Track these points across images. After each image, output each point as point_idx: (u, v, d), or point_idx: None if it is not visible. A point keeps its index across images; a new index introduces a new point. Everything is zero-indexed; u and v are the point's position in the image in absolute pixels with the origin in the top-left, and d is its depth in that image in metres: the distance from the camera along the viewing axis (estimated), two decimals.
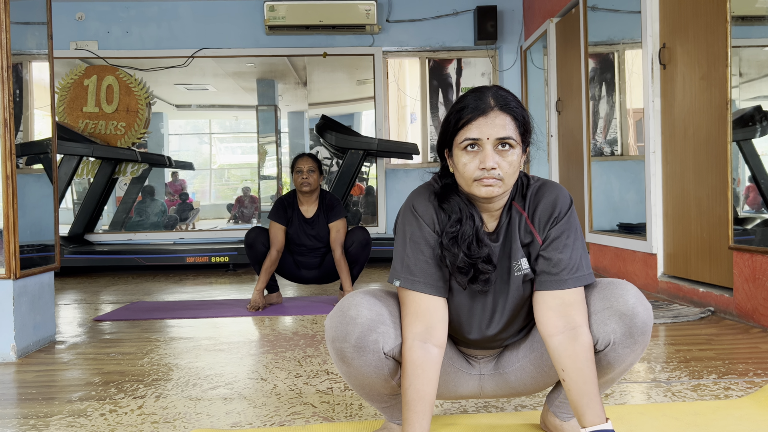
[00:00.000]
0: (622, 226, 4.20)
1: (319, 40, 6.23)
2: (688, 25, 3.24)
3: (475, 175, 1.22)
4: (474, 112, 1.22)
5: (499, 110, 1.22)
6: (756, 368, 2.07)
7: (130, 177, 6.32)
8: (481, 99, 1.23)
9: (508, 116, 1.23)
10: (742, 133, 2.95)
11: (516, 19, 6.26)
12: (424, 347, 1.25)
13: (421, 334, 1.26)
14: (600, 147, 4.58)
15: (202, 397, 1.93)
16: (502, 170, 1.21)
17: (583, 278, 1.27)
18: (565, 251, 1.27)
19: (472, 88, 1.30)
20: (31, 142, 3.19)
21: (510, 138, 1.22)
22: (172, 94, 6.60)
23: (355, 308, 1.28)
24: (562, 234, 1.28)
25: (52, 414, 1.81)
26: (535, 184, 1.33)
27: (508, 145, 1.22)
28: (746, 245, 2.76)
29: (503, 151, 1.22)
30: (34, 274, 2.65)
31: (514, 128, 1.23)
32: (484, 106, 1.22)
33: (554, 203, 1.29)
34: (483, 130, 1.21)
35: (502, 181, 1.22)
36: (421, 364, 1.24)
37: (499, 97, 1.24)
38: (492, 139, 1.21)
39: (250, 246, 3.50)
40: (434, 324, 1.27)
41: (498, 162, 1.21)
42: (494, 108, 1.22)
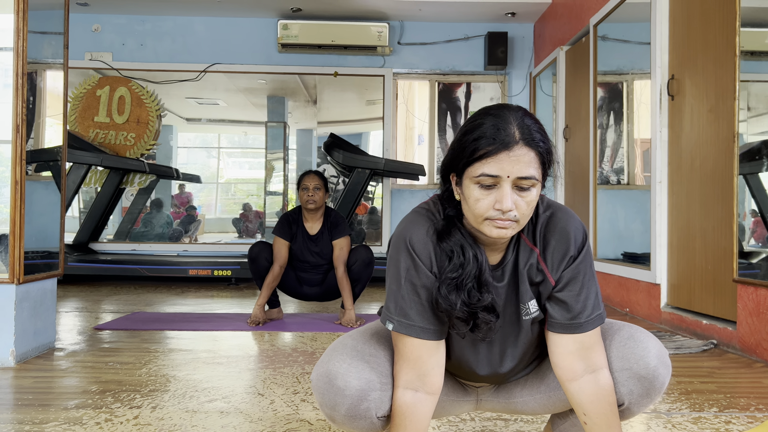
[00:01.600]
0: (627, 255, 4.18)
1: (330, 60, 6.29)
2: (697, 58, 3.27)
3: (488, 214, 1.07)
4: (495, 145, 1.05)
5: (525, 144, 1.05)
6: (758, 403, 2.05)
7: (137, 188, 6.35)
8: (504, 129, 1.06)
9: (533, 151, 1.06)
10: (749, 166, 2.95)
11: (526, 45, 6.32)
12: (415, 396, 1.15)
13: (412, 382, 1.16)
14: (606, 175, 4.59)
15: (199, 410, 1.92)
16: (520, 211, 1.07)
17: (600, 317, 1.18)
18: (582, 293, 1.15)
19: (485, 107, 1.12)
20: (42, 149, 3.23)
21: (533, 177, 1.06)
22: (182, 107, 6.66)
23: (343, 378, 1.16)
24: (578, 275, 1.16)
25: (48, 420, 1.80)
26: (545, 214, 1.18)
27: (530, 185, 1.06)
28: (751, 278, 2.75)
29: (523, 191, 1.06)
30: (37, 280, 2.66)
31: (538, 165, 1.07)
32: (507, 139, 1.05)
33: (568, 240, 1.16)
34: (504, 167, 1.04)
35: (517, 222, 1.08)
36: (410, 415, 1.15)
37: (524, 128, 1.06)
38: (513, 178, 1.05)
39: (253, 260, 3.51)
40: (428, 371, 1.15)
41: (516, 202, 1.06)
42: (519, 142, 1.05)
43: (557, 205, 1.21)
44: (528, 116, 1.10)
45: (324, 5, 5.85)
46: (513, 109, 1.10)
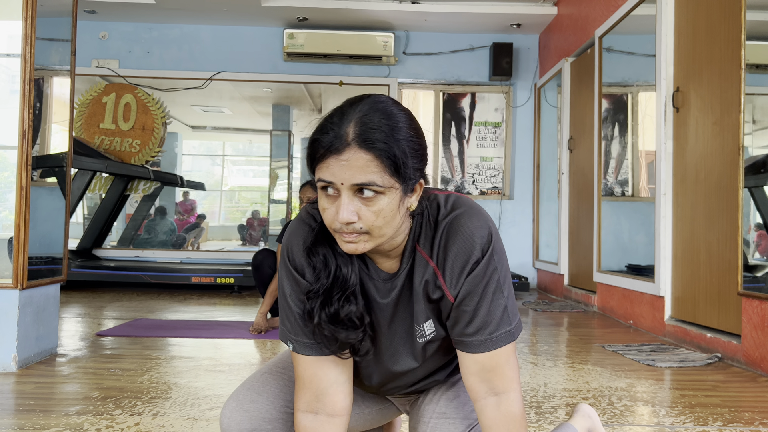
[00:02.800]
0: (631, 268, 4.17)
1: (335, 69, 6.32)
2: (702, 71, 3.27)
3: (334, 226, 0.94)
4: (325, 148, 0.91)
5: (358, 147, 0.89)
6: (762, 417, 2.03)
7: (141, 194, 6.37)
8: (337, 129, 0.91)
9: (370, 154, 0.89)
10: (754, 179, 2.94)
11: (531, 57, 6.34)
12: (315, 419, 1.05)
13: (311, 404, 1.05)
14: (611, 187, 4.58)
15: (200, 417, 1.91)
16: (366, 222, 0.92)
17: (508, 335, 1.02)
18: (482, 307, 1.00)
19: (347, 100, 0.96)
20: (47, 155, 3.24)
21: (372, 184, 0.90)
22: (188, 114, 6.69)
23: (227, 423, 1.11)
24: (478, 286, 1.00)
25: (49, 426, 1.80)
26: (446, 219, 1.02)
27: (372, 191, 0.91)
28: (756, 292, 2.74)
29: (367, 199, 0.91)
30: (40, 286, 2.66)
31: (381, 169, 0.90)
32: (337, 142, 0.90)
33: (469, 250, 1.00)
34: (335, 172, 0.90)
35: (368, 234, 0.93)
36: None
37: (362, 127, 0.90)
38: (347, 185, 0.90)
39: (256, 268, 3.52)
40: (325, 389, 1.04)
41: (359, 212, 0.92)
42: (351, 144, 0.89)
43: (462, 204, 1.03)
44: (376, 111, 0.92)
45: (330, 15, 5.88)
46: (367, 102, 0.94)
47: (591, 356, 2.98)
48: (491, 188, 6.47)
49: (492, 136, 6.49)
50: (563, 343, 3.38)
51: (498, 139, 6.49)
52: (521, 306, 4.88)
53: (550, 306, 4.78)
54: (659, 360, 2.86)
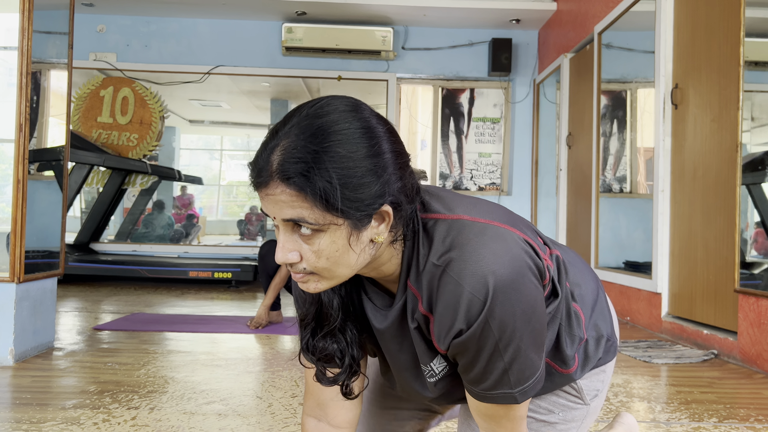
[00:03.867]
0: (628, 264, 4.17)
1: (334, 64, 6.30)
2: (701, 67, 3.27)
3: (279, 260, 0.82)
4: (255, 178, 0.79)
5: (280, 180, 0.76)
6: (758, 414, 2.04)
7: (139, 188, 6.36)
8: (266, 156, 0.78)
9: (291, 188, 0.76)
10: (751, 177, 2.95)
11: (531, 52, 6.33)
12: (317, 426, 1.02)
13: (313, 410, 1.03)
14: (609, 183, 4.58)
15: (197, 412, 1.91)
16: (308, 263, 0.80)
17: (502, 398, 0.87)
18: (475, 366, 0.85)
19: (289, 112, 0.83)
20: (44, 149, 3.23)
21: (304, 221, 0.77)
22: (186, 109, 6.68)
23: None
24: (469, 350, 0.84)
25: (45, 420, 1.80)
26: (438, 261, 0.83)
27: (309, 229, 0.78)
28: (752, 289, 2.74)
29: (305, 237, 0.79)
30: (37, 279, 2.66)
31: (310, 204, 0.76)
32: (262, 176, 0.78)
33: (456, 309, 0.82)
34: (266, 206, 0.80)
35: (317, 276, 0.82)
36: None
37: (286, 155, 0.76)
38: (280, 220, 0.80)
39: (262, 258, 3.53)
40: (325, 402, 1.00)
41: (301, 251, 0.80)
42: (274, 177, 0.77)
43: (463, 244, 0.83)
44: (303, 133, 0.77)
45: (329, 9, 5.86)
46: (295, 119, 0.79)
47: None
48: (489, 184, 6.47)
49: (491, 132, 6.48)
50: None
51: (496, 135, 6.48)
52: None
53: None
54: (656, 356, 2.86)
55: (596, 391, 1.07)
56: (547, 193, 6.01)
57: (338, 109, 0.80)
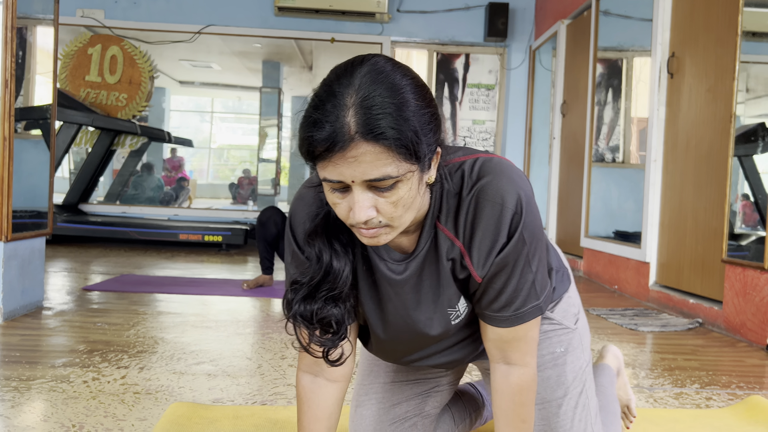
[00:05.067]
0: (618, 234, 4.20)
1: (327, 25, 6.20)
2: (699, 36, 3.23)
3: (349, 221, 0.85)
4: (327, 144, 0.78)
5: (364, 140, 0.77)
6: (739, 381, 2.08)
7: (128, 150, 6.29)
8: (335, 120, 0.77)
9: (380, 146, 0.77)
10: (744, 148, 2.95)
11: (527, 18, 6.24)
12: (314, 381, 1.04)
13: (310, 366, 1.04)
14: (602, 153, 4.58)
15: (186, 372, 1.92)
16: (385, 215, 0.83)
17: (533, 311, 0.96)
18: (509, 284, 0.94)
19: (336, 69, 0.83)
20: (31, 107, 3.17)
21: (388, 177, 0.79)
22: (176, 69, 6.57)
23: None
24: (507, 266, 0.93)
25: (35, 378, 1.80)
26: (472, 193, 0.91)
27: (388, 184, 0.81)
28: (739, 259, 2.77)
29: (383, 191, 0.81)
30: (25, 238, 2.64)
31: (394, 158, 0.78)
32: (338, 137, 0.77)
33: (498, 222, 0.90)
34: (343, 171, 0.79)
35: (390, 227, 0.85)
36: (308, 401, 1.04)
37: (363, 115, 0.77)
38: (359, 182, 0.80)
39: (262, 224, 3.54)
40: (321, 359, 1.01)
41: (377, 205, 0.82)
42: (355, 137, 0.77)
43: (490, 171, 0.92)
44: (377, 83, 0.78)
45: None
46: (358, 75, 0.79)
47: None
48: (483, 151, 6.44)
49: (485, 98, 6.43)
50: None
51: (491, 102, 6.44)
52: None
53: None
54: (642, 324, 2.90)
55: (574, 315, 1.17)
56: (540, 161, 6.00)
57: (392, 64, 0.82)
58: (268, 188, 6.55)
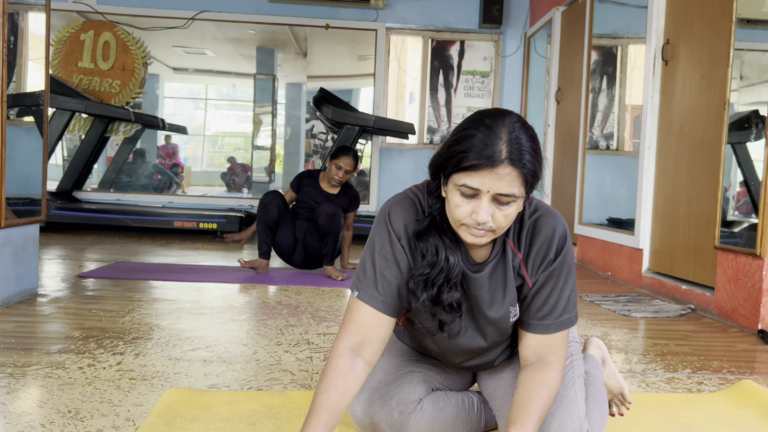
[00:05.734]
0: (612, 221, 4.22)
1: (322, 11, 6.16)
2: (693, 23, 3.23)
3: (464, 221, 1.10)
4: (480, 161, 1.05)
5: (510, 164, 1.06)
6: (730, 366, 2.10)
7: (122, 137, 6.26)
8: (492, 145, 1.06)
9: (517, 171, 1.06)
10: (737, 136, 2.96)
11: (522, 5, 6.22)
12: (354, 359, 1.15)
13: (355, 346, 1.16)
14: (596, 140, 4.58)
15: (182, 358, 1.93)
16: (496, 223, 1.09)
17: (568, 321, 1.21)
18: (553, 295, 1.20)
19: (483, 112, 1.11)
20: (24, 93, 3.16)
21: (513, 195, 1.07)
22: (169, 56, 6.51)
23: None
24: (552, 277, 1.20)
25: (30, 364, 1.81)
26: (531, 219, 1.21)
27: (509, 200, 1.08)
28: (732, 246, 2.79)
29: (502, 205, 1.08)
30: (19, 225, 2.63)
31: (521, 183, 1.08)
32: (494, 157, 1.05)
33: (550, 243, 1.20)
34: (485, 182, 1.06)
35: (493, 232, 1.11)
36: (345, 375, 1.13)
37: (514, 147, 1.06)
38: (492, 193, 1.07)
39: (264, 206, 3.62)
40: (372, 341, 1.17)
41: (494, 215, 1.08)
42: (504, 161, 1.05)
43: (545, 208, 1.22)
44: (522, 130, 1.08)
45: None
46: (508, 120, 1.08)
47: None
48: None
49: (480, 85, 6.42)
50: None
51: (486, 89, 6.43)
52: None
53: None
54: (635, 310, 2.93)
55: None
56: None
57: (524, 121, 1.13)
58: (263, 176, 6.54)
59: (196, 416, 1.45)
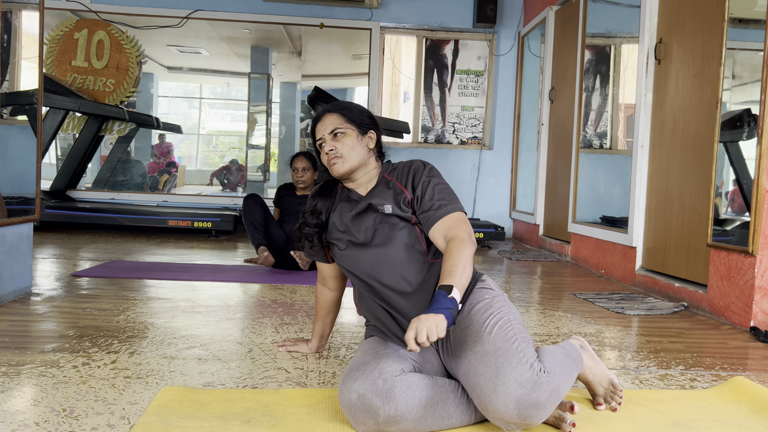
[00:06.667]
0: (605, 219, 4.24)
1: (316, 11, 6.16)
2: (686, 22, 3.25)
3: (324, 160, 1.70)
4: (314, 121, 1.72)
5: (329, 113, 1.70)
6: (723, 363, 2.12)
7: (116, 136, 6.24)
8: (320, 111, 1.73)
9: (336, 114, 1.69)
10: (729, 134, 2.97)
11: (516, 4, 6.23)
12: (322, 289, 1.91)
13: (320, 280, 1.90)
14: (589, 139, 4.60)
15: (177, 356, 1.93)
16: (341, 150, 1.65)
17: (457, 207, 1.56)
18: (429, 190, 1.58)
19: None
20: (17, 92, 3.14)
21: (340, 128, 1.67)
22: (163, 54, 6.50)
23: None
24: (420, 180, 1.61)
25: (24, 363, 1.80)
26: (396, 163, 1.71)
27: (341, 131, 1.66)
28: (724, 243, 2.81)
29: (338, 136, 1.67)
30: (12, 224, 2.62)
31: (344, 121, 1.68)
32: (319, 114, 1.71)
33: (409, 165, 1.66)
34: (320, 129, 1.70)
35: (343, 158, 1.65)
36: (318, 298, 1.93)
37: (330, 106, 1.71)
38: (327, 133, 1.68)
39: (246, 212, 3.65)
40: (326, 278, 1.87)
41: (336, 146, 1.66)
42: (325, 113, 1.70)
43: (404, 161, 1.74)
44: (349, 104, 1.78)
45: None
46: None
47: (562, 303, 3.06)
48: (471, 138, 6.46)
49: (474, 84, 6.43)
50: (536, 290, 3.46)
51: (480, 88, 6.44)
52: (496, 255, 4.95)
53: (524, 255, 4.87)
54: (628, 308, 2.94)
55: (501, 292, 1.60)
56: (528, 147, 6.02)
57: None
58: (257, 174, 6.53)
59: (191, 414, 1.46)
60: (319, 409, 1.52)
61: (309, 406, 1.54)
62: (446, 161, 6.33)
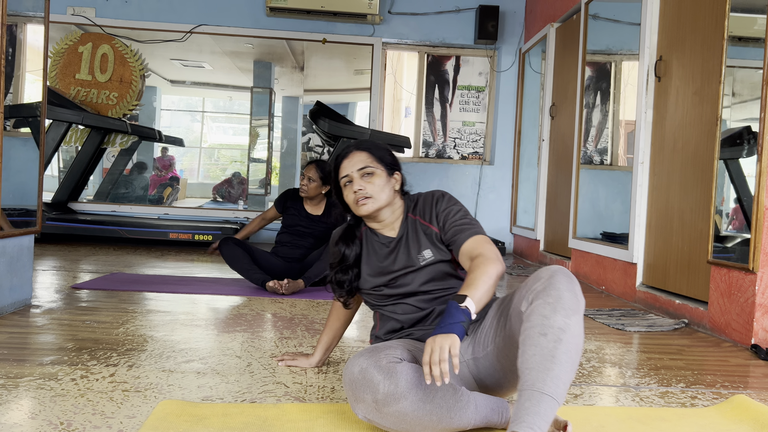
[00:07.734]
0: (606, 235, 4.23)
1: (319, 26, 6.21)
2: (686, 40, 3.27)
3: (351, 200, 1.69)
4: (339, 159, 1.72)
5: (356, 150, 1.69)
6: (724, 380, 2.11)
7: (118, 148, 6.27)
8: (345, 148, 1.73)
9: (365, 153, 1.67)
10: (729, 152, 2.98)
11: (517, 21, 6.28)
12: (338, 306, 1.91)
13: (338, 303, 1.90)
14: (590, 155, 4.61)
15: (175, 370, 1.93)
16: (370, 190, 1.64)
17: (478, 230, 1.60)
18: (451, 217, 1.62)
19: None
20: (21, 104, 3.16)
21: (369, 167, 1.66)
22: (167, 68, 6.54)
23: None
24: (444, 210, 1.64)
25: (23, 375, 1.80)
26: (415, 198, 1.72)
27: (370, 171, 1.65)
28: (725, 261, 2.81)
29: (367, 177, 1.66)
30: (13, 236, 2.63)
31: (373, 160, 1.67)
32: (345, 150, 1.71)
33: (430, 199, 1.68)
34: (347, 167, 1.68)
35: (372, 198, 1.64)
36: (333, 312, 1.94)
37: (356, 142, 1.71)
38: (356, 170, 1.66)
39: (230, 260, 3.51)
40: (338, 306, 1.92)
41: (365, 186, 1.65)
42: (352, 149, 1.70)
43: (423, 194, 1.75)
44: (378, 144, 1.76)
45: None
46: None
47: None
48: (472, 153, 6.48)
49: (475, 100, 6.46)
50: None
51: (481, 104, 6.47)
52: None
53: (525, 271, 4.86)
54: (628, 324, 2.93)
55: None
56: (528, 163, 6.04)
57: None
58: (259, 189, 6.55)
59: (189, 429, 1.45)
60: (317, 425, 1.51)
61: (307, 421, 1.53)
62: (447, 176, 6.34)
